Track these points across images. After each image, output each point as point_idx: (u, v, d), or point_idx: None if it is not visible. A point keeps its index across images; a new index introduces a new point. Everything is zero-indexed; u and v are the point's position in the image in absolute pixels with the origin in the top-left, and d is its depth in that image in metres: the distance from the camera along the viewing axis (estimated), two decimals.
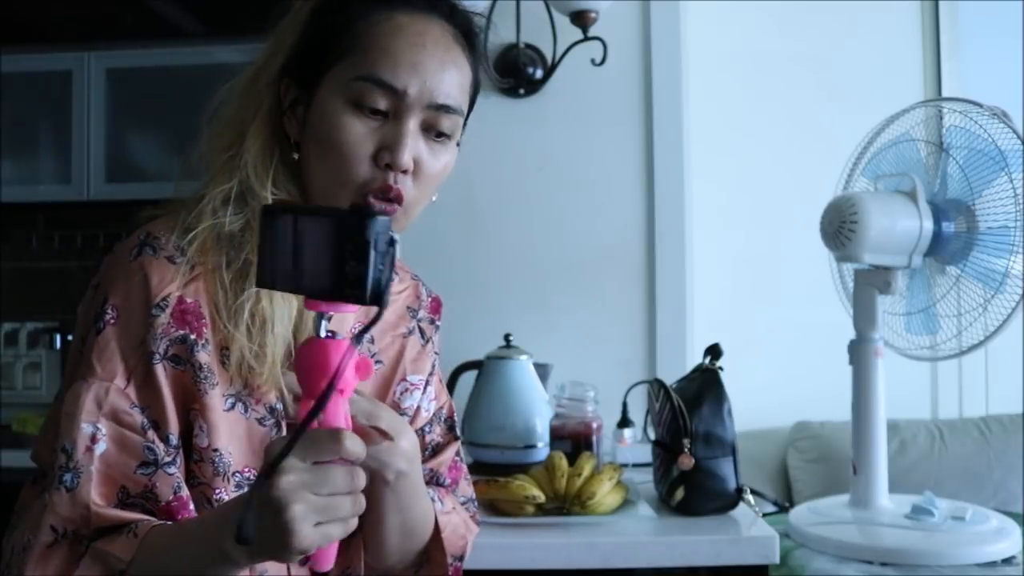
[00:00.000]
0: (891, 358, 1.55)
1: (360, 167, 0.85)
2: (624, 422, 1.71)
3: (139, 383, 0.83)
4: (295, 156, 0.89)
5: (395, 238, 0.69)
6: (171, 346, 0.84)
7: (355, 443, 0.71)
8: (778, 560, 1.28)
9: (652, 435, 1.52)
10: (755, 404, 1.91)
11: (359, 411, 0.80)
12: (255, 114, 0.89)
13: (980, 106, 1.46)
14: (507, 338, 1.79)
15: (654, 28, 2.02)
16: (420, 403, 1.03)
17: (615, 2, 1.93)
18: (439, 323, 1.10)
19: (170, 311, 0.84)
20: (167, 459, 0.82)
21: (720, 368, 1.45)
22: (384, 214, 0.70)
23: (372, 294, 0.67)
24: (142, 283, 0.84)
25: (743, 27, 2.23)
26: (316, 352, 0.71)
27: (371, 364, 0.74)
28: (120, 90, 2.56)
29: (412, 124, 0.86)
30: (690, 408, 1.39)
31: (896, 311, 1.60)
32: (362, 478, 0.72)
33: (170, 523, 0.81)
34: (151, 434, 0.82)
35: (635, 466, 1.62)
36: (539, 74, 2.02)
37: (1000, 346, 1.52)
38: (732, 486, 1.38)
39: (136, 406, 0.82)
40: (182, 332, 0.84)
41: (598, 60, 1.94)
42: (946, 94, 2.21)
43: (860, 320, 1.54)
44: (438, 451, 1.06)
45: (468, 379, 1.80)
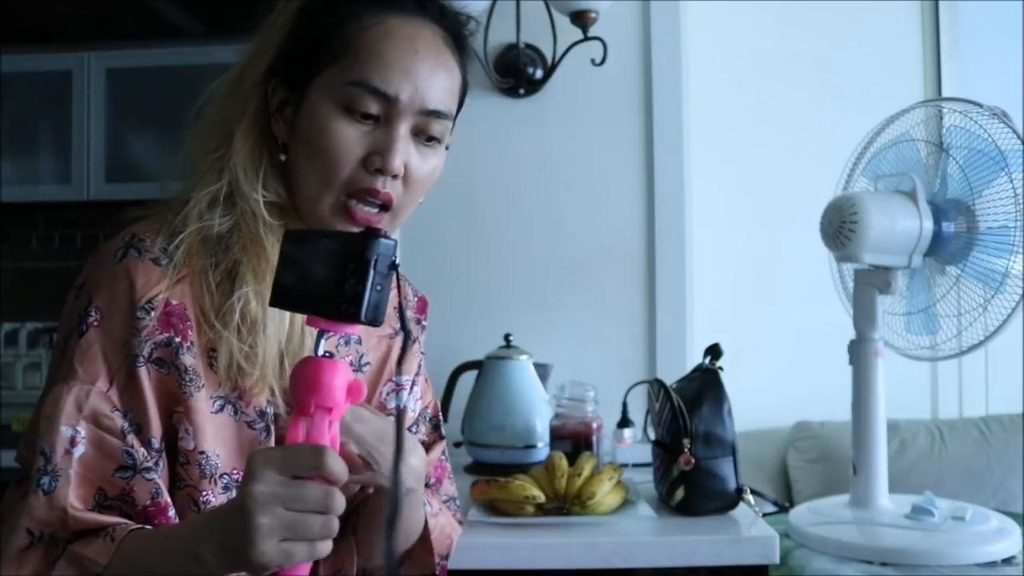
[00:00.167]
0: (891, 358, 1.55)
1: (349, 171, 0.85)
2: (624, 422, 1.71)
3: (122, 386, 0.82)
4: (282, 158, 0.89)
5: (397, 263, 0.70)
6: (155, 349, 0.83)
7: (336, 463, 0.69)
8: (778, 560, 1.28)
9: (652, 435, 1.52)
10: (755, 404, 1.91)
11: (355, 438, 0.80)
12: (242, 115, 0.88)
13: (980, 106, 1.46)
14: (507, 338, 1.79)
15: (654, 28, 2.02)
16: (407, 403, 1.03)
17: (615, 2, 1.93)
18: (425, 323, 1.10)
19: (155, 314, 0.83)
20: (147, 463, 0.82)
21: (720, 368, 1.45)
22: (389, 238, 0.71)
23: (367, 313, 0.69)
24: (126, 285, 0.83)
25: (743, 27, 2.23)
26: (309, 370, 0.71)
27: (363, 388, 0.73)
28: (120, 90, 2.56)
29: (403, 129, 0.86)
30: (690, 408, 1.39)
31: (896, 311, 1.60)
32: (339, 501, 0.70)
33: (148, 528, 0.80)
34: (131, 438, 0.81)
35: (635, 466, 1.62)
36: (539, 74, 2.02)
37: (1000, 346, 1.52)
38: (732, 486, 1.38)
39: (117, 409, 0.82)
40: (166, 335, 0.83)
41: (598, 60, 1.94)
42: (946, 94, 2.21)
43: (860, 320, 1.54)
44: (424, 450, 1.06)
45: (468, 379, 1.80)
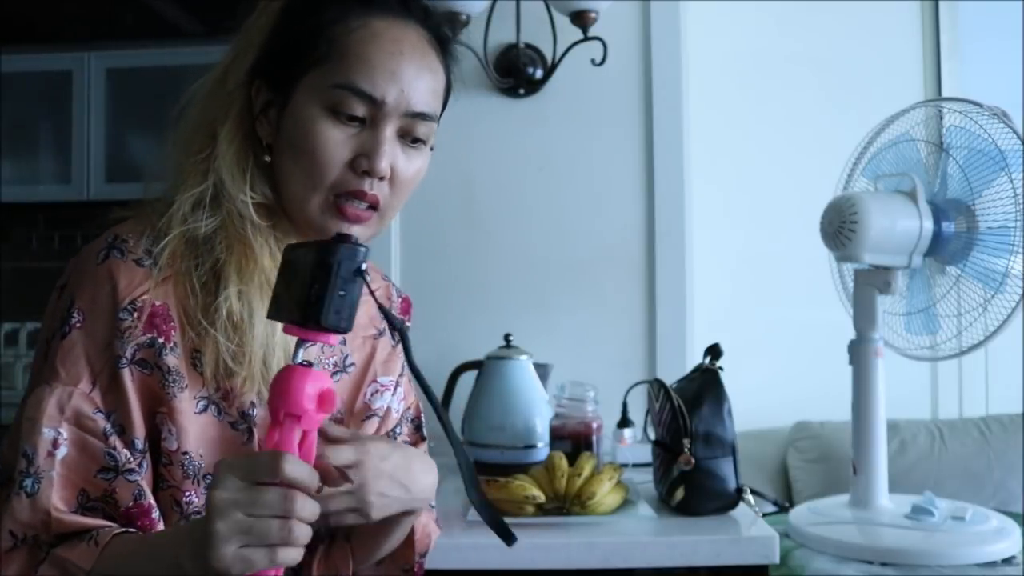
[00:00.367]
0: (891, 358, 1.55)
1: (336, 173, 0.85)
2: (624, 422, 1.71)
3: (104, 387, 0.82)
4: (267, 159, 0.89)
5: (363, 269, 0.70)
6: (138, 350, 0.83)
7: (296, 468, 0.68)
8: (778, 560, 1.28)
9: (652, 435, 1.52)
10: (755, 404, 1.91)
11: (338, 457, 0.80)
12: (226, 116, 0.88)
13: (980, 106, 1.46)
14: (507, 338, 1.79)
15: (654, 28, 2.01)
16: (391, 404, 1.02)
17: (615, 2, 1.93)
18: (409, 323, 1.10)
19: (137, 315, 0.82)
20: (129, 465, 0.81)
21: (720, 368, 1.45)
22: (357, 244, 0.71)
23: (328, 318, 0.68)
24: (109, 286, 0.83)
25: (743, 27, 2.23)
26: (282, 378, 0.71)
27: (335, 398, 0.72)
28: (120, 90, 2.56)
29: (389, 131, 0.86)
30: (690, 408, 1.39)
31: (896, 311, 1.60)
32: (302, 506, 0.68)
33: (133, 534, 0.80)
34: (113, 439, 0.81)
35: (635, 466, 1.62)
36: (539, 74, 2.02)
37: (1000, 346, 1.52)
38: (732, 486, 1.38)
39: (100, 411, 0.81)
40: (149, 336, 0.83)
41: (598, 60, 1.94)
42: (946, 94, 2.21)
43: (860, 320, 1.54)
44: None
45: (468, 379, 1.80)
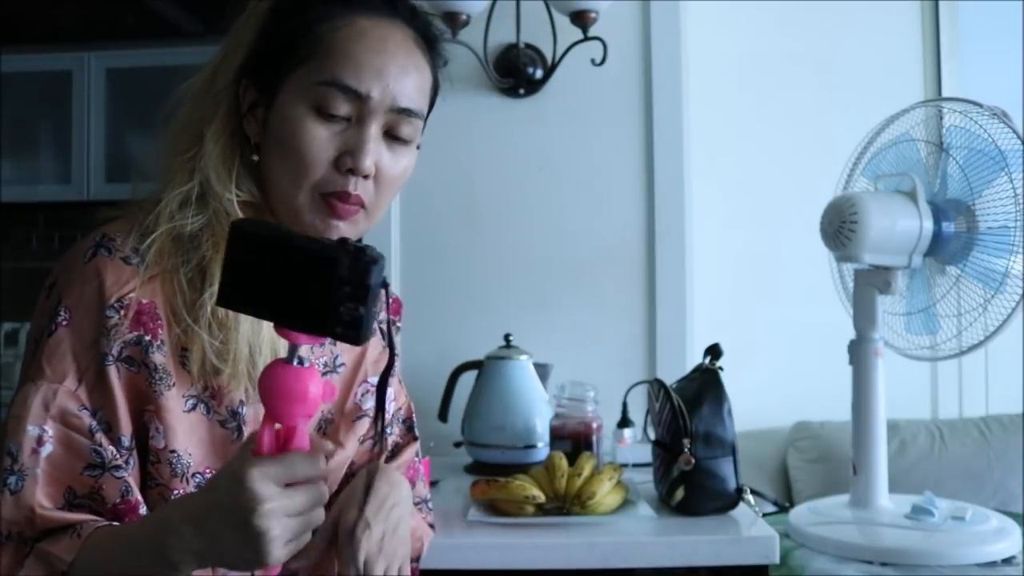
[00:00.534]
0: (891, 358, 1.55)
1: (321, 171, 0.85)
2: (624, 422, 1.71)
3: (91, 385, 0.82)
4: (255, 158, 0.89)
5: (388, 282, 0.70)
6: (125, 348, 0.83)
7: (322, 464, 0.72)
8: (778, 560, 1.29)
9: (652, 435, 1.52)
10: (755, 404, 1.91)
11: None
12: (213, 115, 0.89)
13: (980, 106, 1.46)
14: (507, 338, 1.79)
15: (654, 28, 2.02)
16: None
17: (615, 2, 1.93)
18: (400, 324, 1.10)
19: (124, 312, 0.83)
20: (116, 462, 0.81)
21: (720, 368, 1.45)
22: (382, 258, 0.69)
23: (365, 336, 0.68)
24: (96, 284, 0.83)
25: (743, 27, 2.23)
26: (289, 378, 0.70)
27: (335, 388, 0.75)
28: (120, 90, 2.56)
29: (374, 129, 0.86)
30: (690, 408, 1.39)
31: (896, 311, 1.60)
32: (325, 491, 0.73)
33: (115, 524, 0.80)
34: (99, 437, 0.81)
35: (635, 466, 1.62)
36: (539, 74, 2.02)
37: (1000, 346, 1.52)
38: (732, 486, 1.38)
39: (86, 408, 0.82)
40: (136, 333, 0.83)
41: (598, 60, 1.94)
42: (946, 94, 2.21)
43: (860, 320, 1.54)
44: (397, 452, 1.06)
45: (468, 379, 1.80)
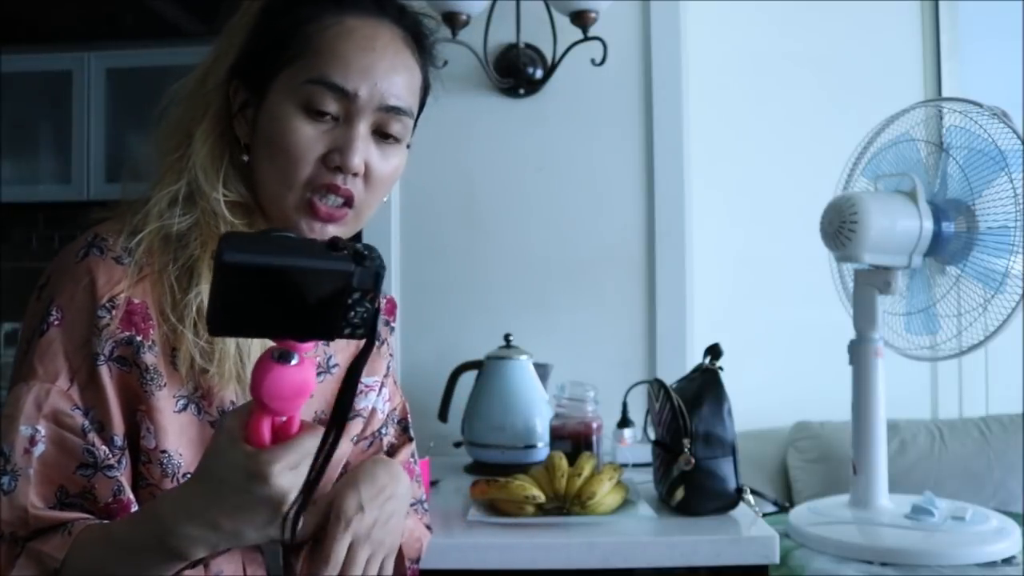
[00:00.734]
0: (891, 358, 1.55)
1: (309, 168, 0.85)
2: (624, 422, 1.71)
3: (83, 384, 0.82)
4: (245, 158, 0.89)
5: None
6: (116, 347, 0.83)
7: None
8: (778, 560, 1.28)
9: (652, 435, 1.52)
10: (755, 404, 1.91)
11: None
12: (203, 115, 0.89)
13: (980, 106, 1.46)
14: (507, 338, 1.79)
15: (654, 28, 2.01)
16: (375, 405, 1.02)
17: (615, 2, 1.93)
18: (394, 324, 1.10)
19: (116, 312, 0.83)
20: (108, 461, 0.81)
21: (720, 368, 1.45)
22: (380, 259, 0.67)
23: (377, 334, 0.68)
24: (88, 284, 0.83)
25: (743, 27, 2.23)
26: (288, 377, 0.68)
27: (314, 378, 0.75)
28: (120, 90, 2.56)
29: (363, 127, 0.86)
30: (690, 408, 1.39)
31: (896, 311, 1.60)
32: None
33: (105, 522, 0.80)
34: (91, 436, 0.81)
35: (635, 466, 1.62)
36: (539, 74, 2.02)
37: (1000, 346, 1.52)
38: (732, 486, 1.38)
39: (78, 407, 0.81)
40: (128, 333, 0.83)
41: (598, 60, 1.94)
42: (946, 94, 2.21)
43: (860, 320, 1.54)
44: (392, 453, 1.06)
45: (468, 379, 1.80)
